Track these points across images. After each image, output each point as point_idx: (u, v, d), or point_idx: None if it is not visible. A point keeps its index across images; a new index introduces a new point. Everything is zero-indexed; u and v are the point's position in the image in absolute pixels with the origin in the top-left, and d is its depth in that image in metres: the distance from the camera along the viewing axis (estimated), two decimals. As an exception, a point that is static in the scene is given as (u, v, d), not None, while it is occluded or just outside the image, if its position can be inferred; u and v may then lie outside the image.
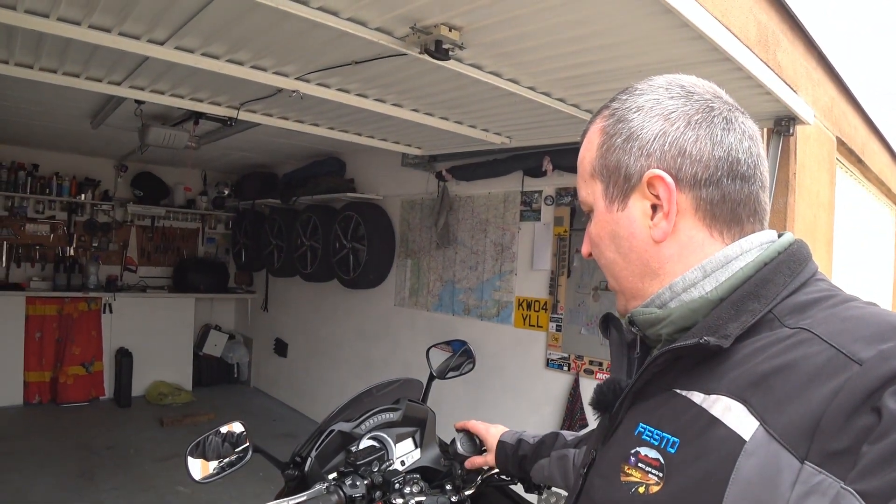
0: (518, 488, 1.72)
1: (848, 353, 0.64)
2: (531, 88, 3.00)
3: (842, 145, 4.21)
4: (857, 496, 0.55)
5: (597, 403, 0.91)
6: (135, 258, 7.78)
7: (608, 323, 1.01)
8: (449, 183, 5.12)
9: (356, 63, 2.79)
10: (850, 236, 4.84)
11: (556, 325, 4.38)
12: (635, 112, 0.85)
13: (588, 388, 4.08)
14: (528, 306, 4.59)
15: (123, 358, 6.93)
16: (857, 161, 4.80)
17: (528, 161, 4.44)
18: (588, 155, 0.90)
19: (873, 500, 0.54)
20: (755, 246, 0.82)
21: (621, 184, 0.85)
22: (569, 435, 1.43)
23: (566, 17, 2.14)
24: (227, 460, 1.45)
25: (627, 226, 0.85)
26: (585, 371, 4.15)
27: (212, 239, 8.43)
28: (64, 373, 6.73)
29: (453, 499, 1.65)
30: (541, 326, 4.49)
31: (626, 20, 2.13)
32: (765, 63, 2.60)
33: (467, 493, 1.71)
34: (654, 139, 0.82)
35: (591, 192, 0.90)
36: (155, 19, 2.48)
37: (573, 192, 4.31)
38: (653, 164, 0.82)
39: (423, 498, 1.61)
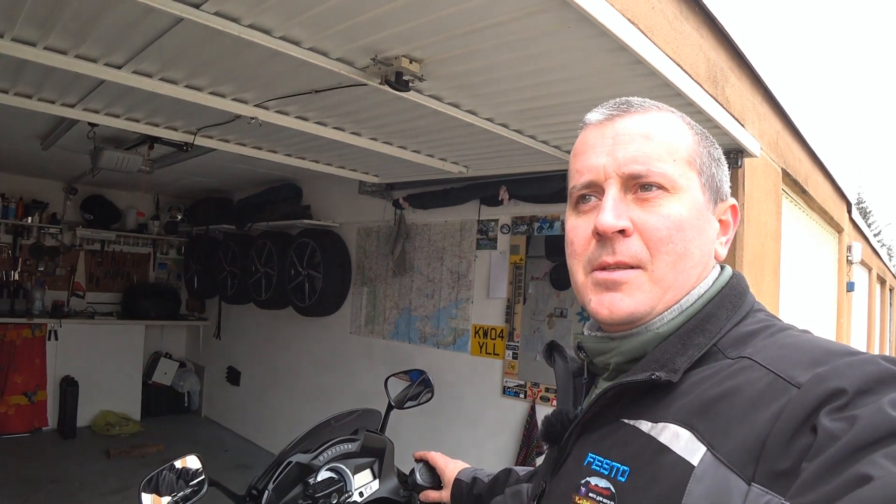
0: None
1: (787, 377, 0.67)
2: (489, 120, 3.05)
3: (787, 177, 4.36)
4: None
5: (545, 435, 0.93)
6: (83, 283, 7.57)
7: (552, 351, 1.04)
8: (406, 211, 5.14)
9: (316, 92, 2.80)
10: (797, 264, 4.99)
11: (513, 353, 4.41)
12: (714, 140, 0.93)
13: (544, 415, 4.10)
14: (485, 334, 4.61)
15: (69, 387, 6.70)
16: (802, 192, 4.96)
17: (485, 190, 4.49)
18: (685, 141, 0.87)
19: None
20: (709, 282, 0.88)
21: (713, 195, 0.89)
22: (521, 470, 1.44)
23: (525, 51, 2.19)
24: (181, 494, 1.42)
25: (712, 232, 0.89)
26: (542, 398, 4.17)
27: (164, 264, 8.27)
28: (5, 403, 6.47)
29: (412, 529, 1.65)
30: (497, 354, 4.51)
31: (583, 56, 2.19)
32: (714, 98, 2.69)
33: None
34: (727, 174, 0.93)
35: (685, 176, 0.85)
36: (113, 43, 2.45)
37: (529, 221, 4.37)
38: (727, 191, 0.93)
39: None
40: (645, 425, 0.76)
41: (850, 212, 7.48)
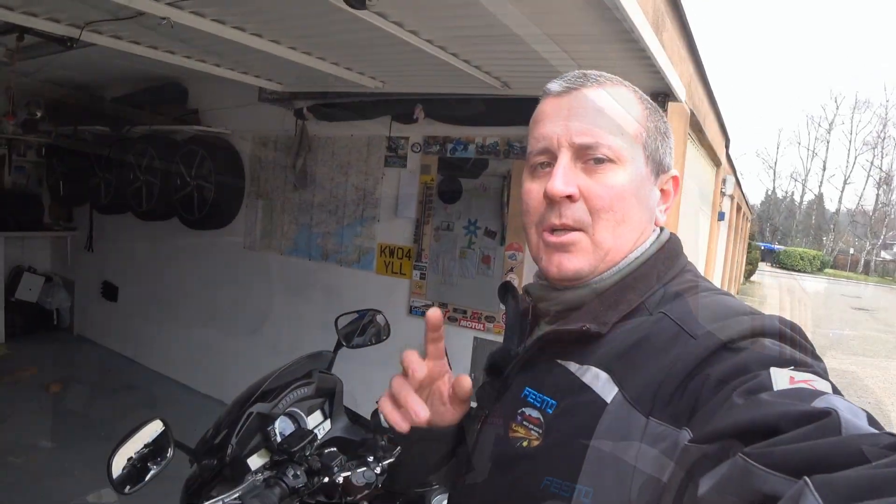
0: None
1: (688, 330, 0.80)
2: (429, 41, 2.87)
3: (692, 117, 4.49)
4: (689, 432, 0.70)
5: (489, 369, 1.06)
6: (-76, 192, 6.71)
7: (507, 291, 1.13)
8: (308, 122, 4.87)
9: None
10: (689, 198, 5.23)
11: (420, 273, 4.38)
12: (662, 113, 1.01)
13: (452, 334, 4.13)
14: (391, 253, 4.54)
15: (-83, 309, 6.00)
16: (699, 131, 5.17)
17: (399, 107, 4.33)
18: (634, 116, 0.95)
19: (699, 440, 0.67)
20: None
21: (656, 167, 0.98)
22: None
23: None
24: (148, 463, 1.33)
25: (653, 200, 0.99)
26: (450, 318, 4.18)
27: (21, 168, 7.43)
28: None
29: (377, 470, 1.63)
30: (404, 274, 4.47)
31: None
32: (660, 43, 2.68)
33: (388, 462, 1.68)
34: (672, 147, 1.01)
35: (630, 149, 0.93)
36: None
37: (442, 142, 4.26)
38: (670, 163, 1.01)
39: (348, 473, 1.56)
40: (573, 366, 0.88)
41: (727, 147, 7.89)
